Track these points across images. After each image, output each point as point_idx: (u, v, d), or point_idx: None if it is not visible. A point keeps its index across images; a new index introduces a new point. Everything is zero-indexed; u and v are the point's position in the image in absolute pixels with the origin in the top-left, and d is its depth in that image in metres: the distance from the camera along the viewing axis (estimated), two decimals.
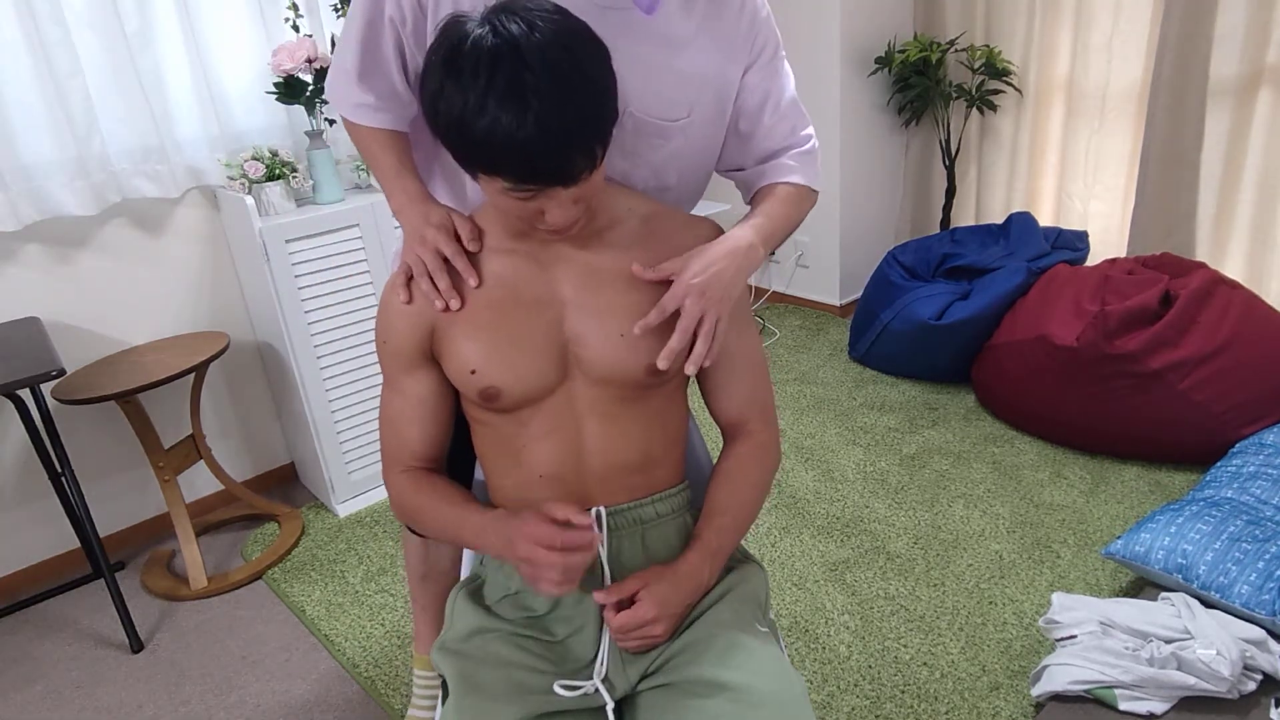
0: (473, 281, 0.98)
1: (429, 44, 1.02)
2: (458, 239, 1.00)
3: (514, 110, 0.79)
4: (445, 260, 0.99)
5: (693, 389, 1.12)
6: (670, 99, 1.04)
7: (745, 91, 1.10)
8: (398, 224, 1.11)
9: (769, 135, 1.13)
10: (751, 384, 1.09)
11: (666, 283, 0.98)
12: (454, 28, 0.84)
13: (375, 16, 1.04)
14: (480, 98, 0.80)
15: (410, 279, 1.00)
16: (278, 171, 2.26)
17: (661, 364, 0.95)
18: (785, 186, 1.13)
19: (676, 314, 0.96)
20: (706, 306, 0.96)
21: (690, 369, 0.97)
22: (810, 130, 1.17)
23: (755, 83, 1.10)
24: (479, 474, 1.18)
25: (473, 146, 0.83)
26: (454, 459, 1.11)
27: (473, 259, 1.00)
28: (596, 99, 0.83)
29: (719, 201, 3.48)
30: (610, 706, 0.97)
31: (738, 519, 1.06)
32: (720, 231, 1.07)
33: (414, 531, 1.47)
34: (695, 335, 0.97)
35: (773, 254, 3.83)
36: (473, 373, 0.97)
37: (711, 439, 1.43)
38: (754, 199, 1.15)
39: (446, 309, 0.98)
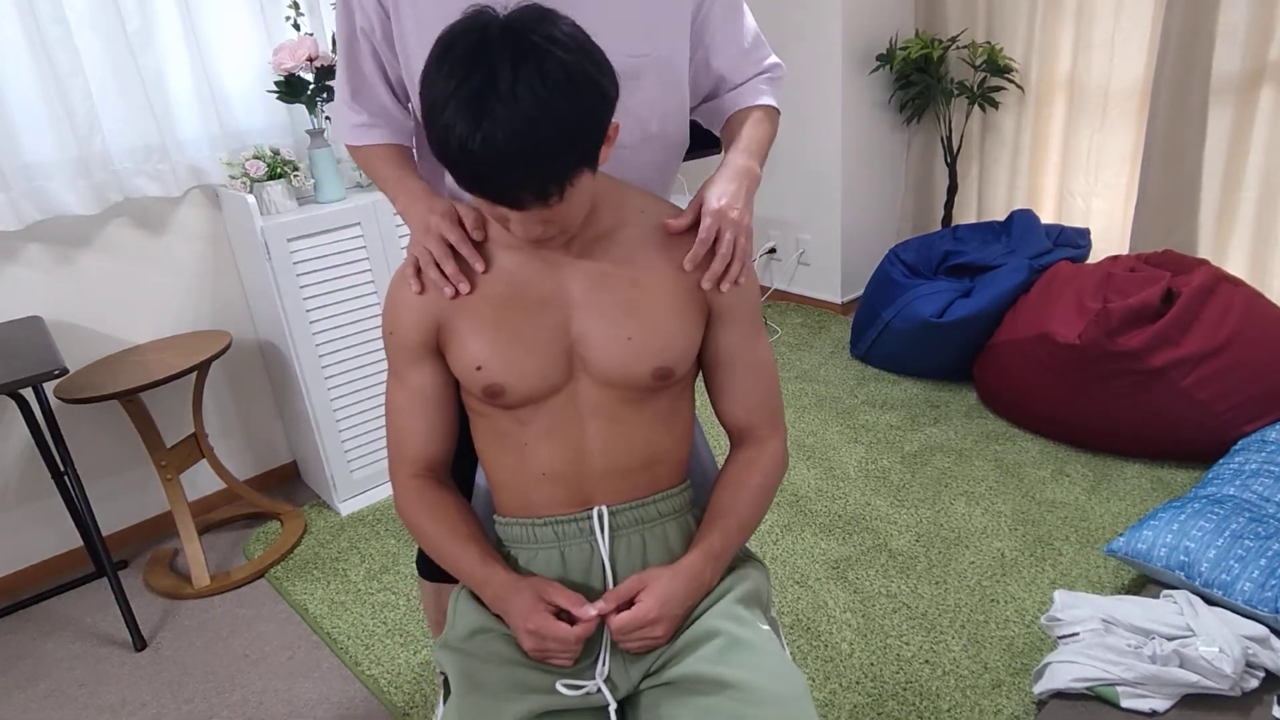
0: (479, 267, 0.98)
1: (399, 47, 1.04)
2: (463, 227, 1.00)
3: (468, 121, 0.78)
4: (451, 248, 0.99)
5: (698, 391, 1.12)
6: (631, 31, 1.03)
7: (711, 31, 1.11)
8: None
9: (738, 70, 1.16)
10: (763, 390, 1.08)
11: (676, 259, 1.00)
12: (464, 20, 0.83)
13: (351, 32, 1.07)
14: (446, 97, 0.79)
15: (419, 271, 1.00)
16: (279, 170, 2.27)
17: (706, 285, 0.99)
18: (758, 110, 1.16)
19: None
20: (739, 224, 0.99)
21: (725, 287, 1.00)
22: (774, 57, 1.20)
23: (719, 19, 1.12)
24: (480, 478, 1.18)
25: (433, 140, 0.83)
26: (455, 460, 1.11)
27: (482, 252, 0.99)
28: (557, 141, 0.80)
29: None
30: (613, 706, 0.97)
31: (742, 522, 1.06)
32: None
33: (423, 572, 1.45)
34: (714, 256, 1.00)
35: (774, 250, 3.84)
36: (478, 369, 0.97)
37: (713, 436, 1.43)
38: (730, 123, 1.17)
39: (456, 295, 0.98)
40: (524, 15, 0.82)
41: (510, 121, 0.77)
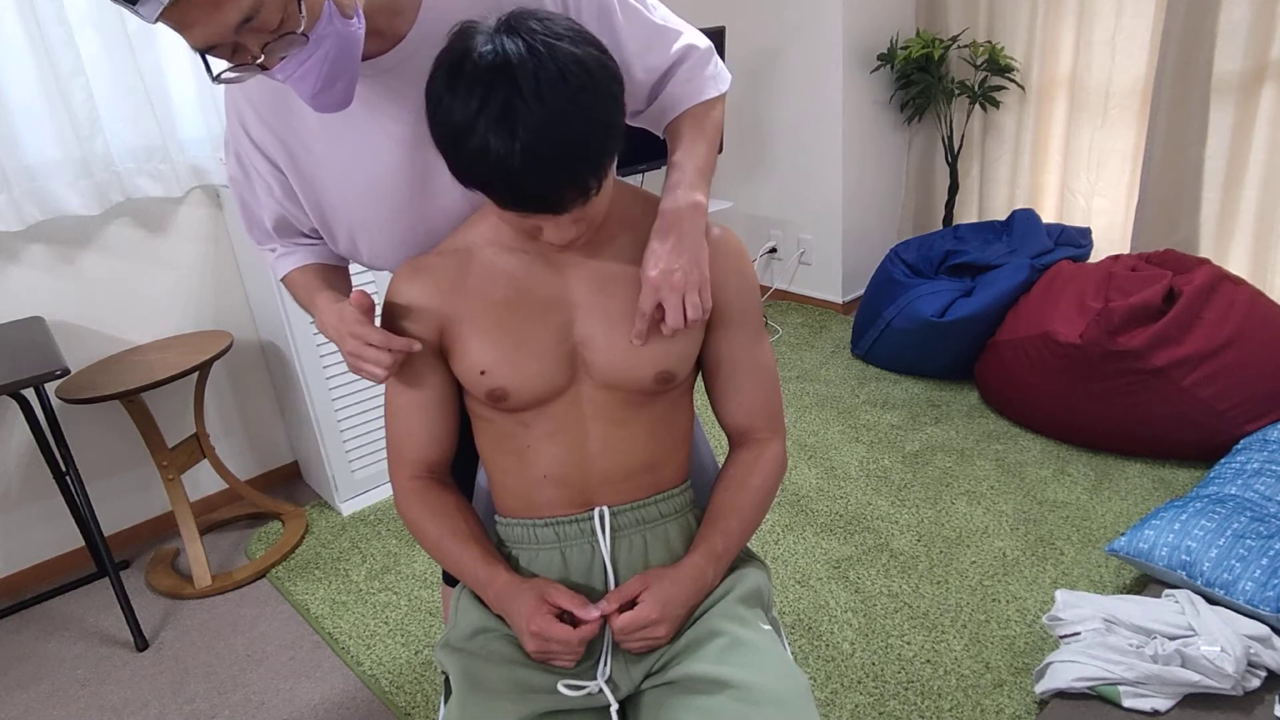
0: (416, 347, 0.97)
1: (305, 191, 1.04)
2: (369, 315, 0.98)
3: (503, 138, 0.78)
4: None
5: (698, 390, 1.12)
6: None
7: None
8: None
9: (643, 72, 1.05)
10: (764, 394, 1.08)
11: None
12: (462, 37, 0.82)
13: (247, 195, 1.10)
14: (472, 118, 0.79)
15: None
16: None
17: (637, 341, 0.95)
18: (686, 117, 1.06)
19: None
20: (682, 286, 0.93)
21: (681, 325, 0.95)
22: (682, 41, 1.05)
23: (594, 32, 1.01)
24: (481, 477, 1.18)
25: (464, 164, 0.83)
26: (455, 460, 1.11)
27: (488, 255, 0.99)
28: (590, 132, 0.81)
29: (720, 199, 3.49)
30: (614, 707, 0.97)
31: (743, 522, 1.05)
32: (730, 234, 1.06)
33: (448, 578, 1.45)
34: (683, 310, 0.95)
35: (775, 250, 3.84)
36: (482, 373, 0.97)
37: (713, 436, 1.43)
38: (669, 134, 1.08)
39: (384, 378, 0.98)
40: (522, 20, 0.81)
41: (545, 127, 0.78)
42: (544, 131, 0.78)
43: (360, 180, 1.03)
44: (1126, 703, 1.41)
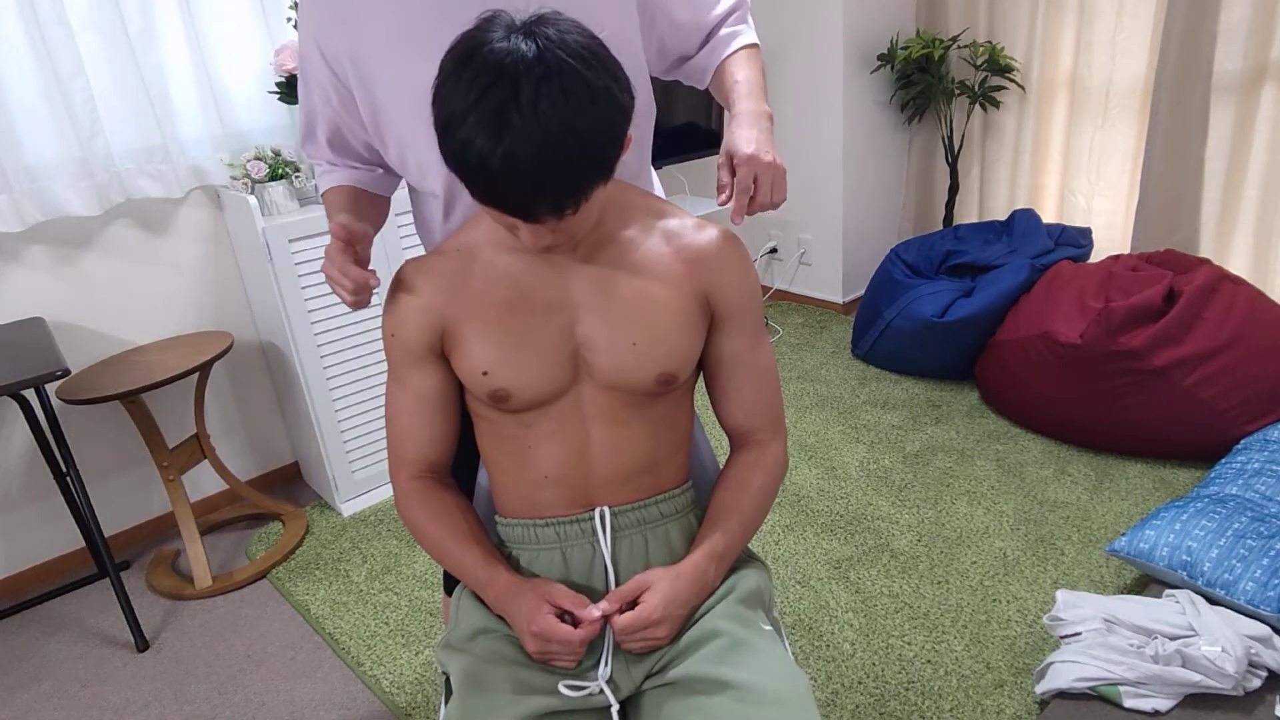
0: (372, 282, 1.01)
1: (368, 114, 1.06)
2: (348, 243, 1.03)
3: (489, 137, 0.77)
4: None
5: (698, 390, 1.12)
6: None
7: None
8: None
9: (701, 13, 1.16)
10: (764, 394, 1.08)
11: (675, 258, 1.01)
12: (485, 24, 0.81)
13: (310, 103, 1.12)
14: (466, 110, 0.78)
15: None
16: (280, 171, 2.27)
17: (738, 220, 1.03)
18: (741, 54, 1.18)
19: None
20: (773, 168, 1.02)
21: (769, 204, 1.04)
22: None
23: None
24: (481, 477, 1.18)
25: (447, 151, 0.82)
26: (456, 460, 1.11)
27: (490, 256, 0.99)
28: (577, 158, 0.79)
29: None
30: (615, 707, 0.97)
31: (744, 522, 1.06)
32: (731, 234, 1.06)
33: (449, 588, 1.45)
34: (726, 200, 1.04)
35: (775, 250, 3.84)
36: (484, 374, 0.97)
37: (714, 436, 1.43)
38: (720, 74, 1.18)
39: (355, 304, 1.02)
40: (544, 26, 0.80)
41: (532, 139, 0.77)
42: (529, 145, 0.77)
43: (421, 91, 1.00)
44: (1127, 703, 1.41)
